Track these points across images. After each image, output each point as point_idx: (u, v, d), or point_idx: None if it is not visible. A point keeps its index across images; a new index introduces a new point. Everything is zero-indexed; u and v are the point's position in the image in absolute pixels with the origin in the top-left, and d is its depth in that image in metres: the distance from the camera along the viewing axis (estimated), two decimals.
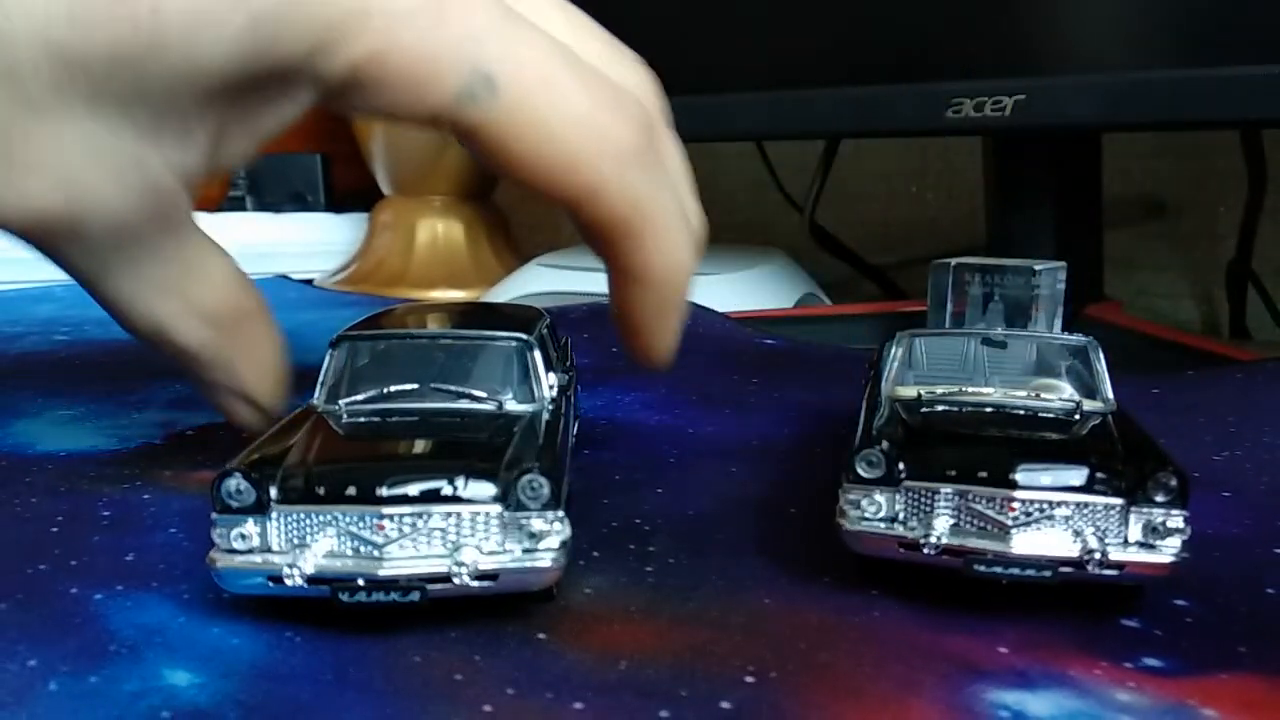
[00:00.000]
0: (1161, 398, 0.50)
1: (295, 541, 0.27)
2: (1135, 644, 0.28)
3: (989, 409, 0.33)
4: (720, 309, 0.69)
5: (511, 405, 0.32)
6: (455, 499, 0.27)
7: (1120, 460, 0.29)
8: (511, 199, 1.22)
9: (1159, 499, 0.28)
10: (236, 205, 1.22)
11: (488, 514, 0.27)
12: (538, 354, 0.34)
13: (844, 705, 0.25)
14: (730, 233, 1.18)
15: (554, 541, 0.28)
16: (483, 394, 0.32)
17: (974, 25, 0.64)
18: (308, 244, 1.15)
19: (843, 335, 0.70)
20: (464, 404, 0.32)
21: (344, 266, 1.11)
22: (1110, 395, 0.34)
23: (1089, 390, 0.34)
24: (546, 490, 0.27)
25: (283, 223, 1.15)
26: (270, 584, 0.27)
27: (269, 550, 0.27)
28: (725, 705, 0.24)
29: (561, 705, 0.24)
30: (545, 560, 0.28)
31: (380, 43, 0.28)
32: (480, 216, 1.10)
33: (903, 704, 0.25)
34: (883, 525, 0.30)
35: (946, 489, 0.29)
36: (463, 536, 0.27)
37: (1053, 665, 0.26)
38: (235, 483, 0.27)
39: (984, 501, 0.29)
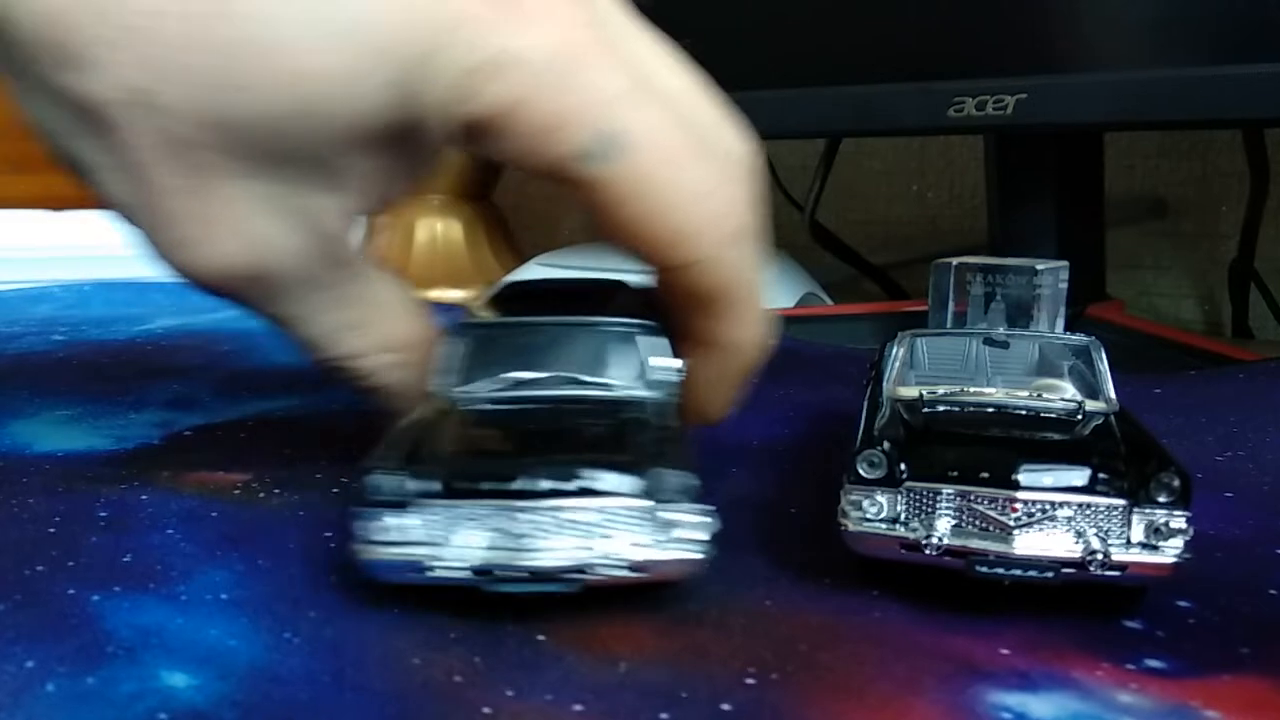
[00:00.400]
0: (1164, 398, 0.50)
1: (440, 533, 0.28)
2: (1137, 645, 0.28)
3: (991, 409, 0.33)
4: None
5: (634, 392, 0.32)
6: (600, 491, 0.27)
7: (1123, 461, 0.29)
8: (511, 198, 1.22)
9: (1161, 500, 0.28)
10: None
11: (632, 506, 0.28)
12: (658, 340, 0.34)
13: (845, 707, 0.24)
14: None
15: (699, 534, 0.28)
16: (606, 381, 0.32)
17: (975, 23, 0.64)
18: None
19: (844, 335, 0.70)
20: (588, 391, 0.32)
21: None
22: (1112, 395, 0.34)
23: (1091, 390, 0.34)
24: (691, 483, 0.28)
25: None
26: (418, 574, 0.27)
27: (414, 542, 0.28)
28: (726, 707, 0.24)
29: (561, 707, 0.24)
30: (690, 551, 0.28)
31: (512, 94, 0.29)
32: (479, 215, 1.10)
33: (904, 705, 0.25)
34: (884, 526, 0.30)
35: (948, 490, 0.29)
36: (608, 527, 0.28)
37: (1055, 666, 0.26)
38: (379, 477, 0.28)
39: (986, 502, 0.29)
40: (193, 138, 0.29)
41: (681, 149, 0.30)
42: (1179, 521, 0.28)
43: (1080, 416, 0.32)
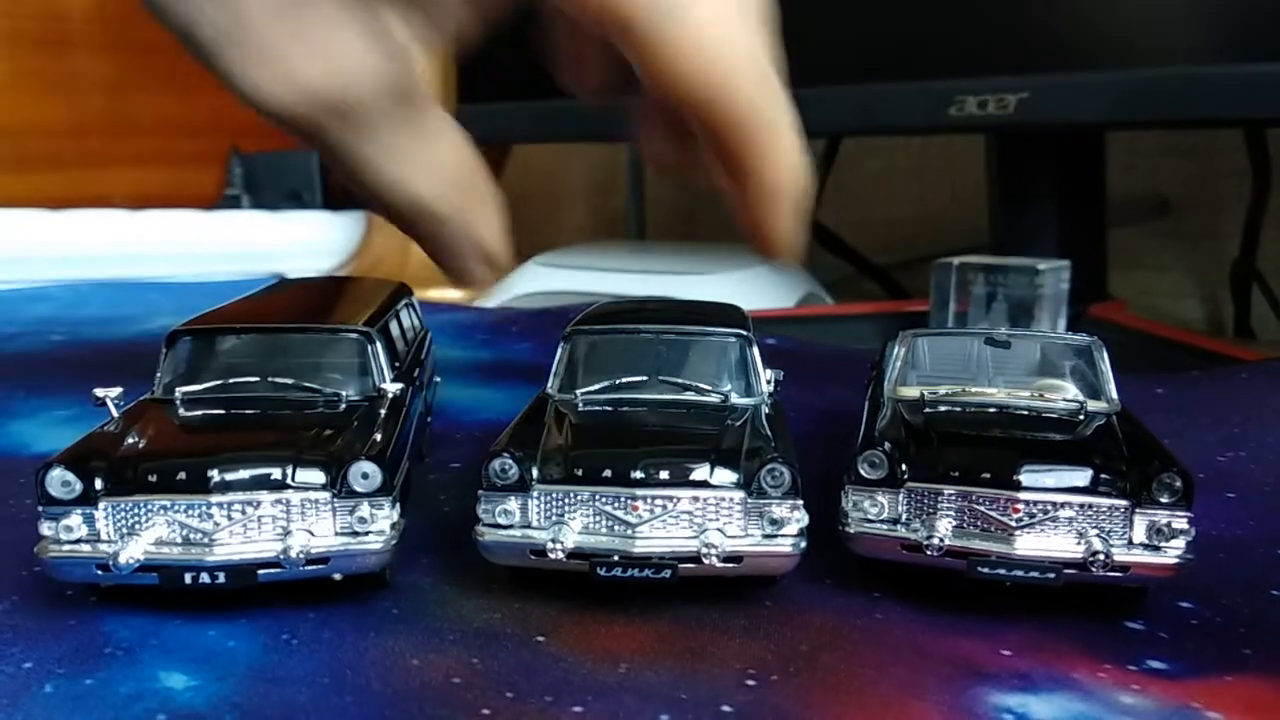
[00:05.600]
0: (1165, 398, 0.50)
1: (554, 518, 0.29)
2: (1139, 646, 0.28)
3: (992, 409, 0.33)
4: None
5: (734, 398, 0.33)
6: (703, 484, 0.29)
7: (1124, 461, 0.29)
8: (510, 198, 1.22)
9: (1164, 500, 0.28)
10: (232, 204, 1.21)
11: (731, 499, 0.29)
12: (756, 349, 0.35)
13: (846, 708, 0.24)
14: (732, 231, 1.17)
15: (793, 528, 0.29)
16: (707, 386, 0.34)
17: (976, 21, 0.63)
18: (304, 242, 1.14)
19: (845, 335, 0.69)
20: (690, 395, 0.34)
21: (341, 265, 1.11)
22: (1114, 395, 0.34)
23: (1093, 390, 0.34)
24: (788, 479, 0.29)
25: (279, 221, 1.15)
26: (533, 557, 0.29)
27: (530, 526, 0.29)
28: (726, 709, 0.24)
29: (560, 708, 0.24)
30: (786, 546, 0.29)
31: None
32: None
33: (905, 707, 0.25)
34: (885, 527, 0.30)
35: (950, 490, 0.29)
36: (708, 520, 0.29)
37: (1056, 667, 0.26)
38: (502, 463, 0.29)
39: (987, 503, 0.29)
40: None
41: (728, 5, 0.34)
42: (1181, 522, 0.28)
43: (1082, 417, 0.32)
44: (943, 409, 0.33)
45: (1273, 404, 0.48)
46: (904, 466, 0.29)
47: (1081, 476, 0.28)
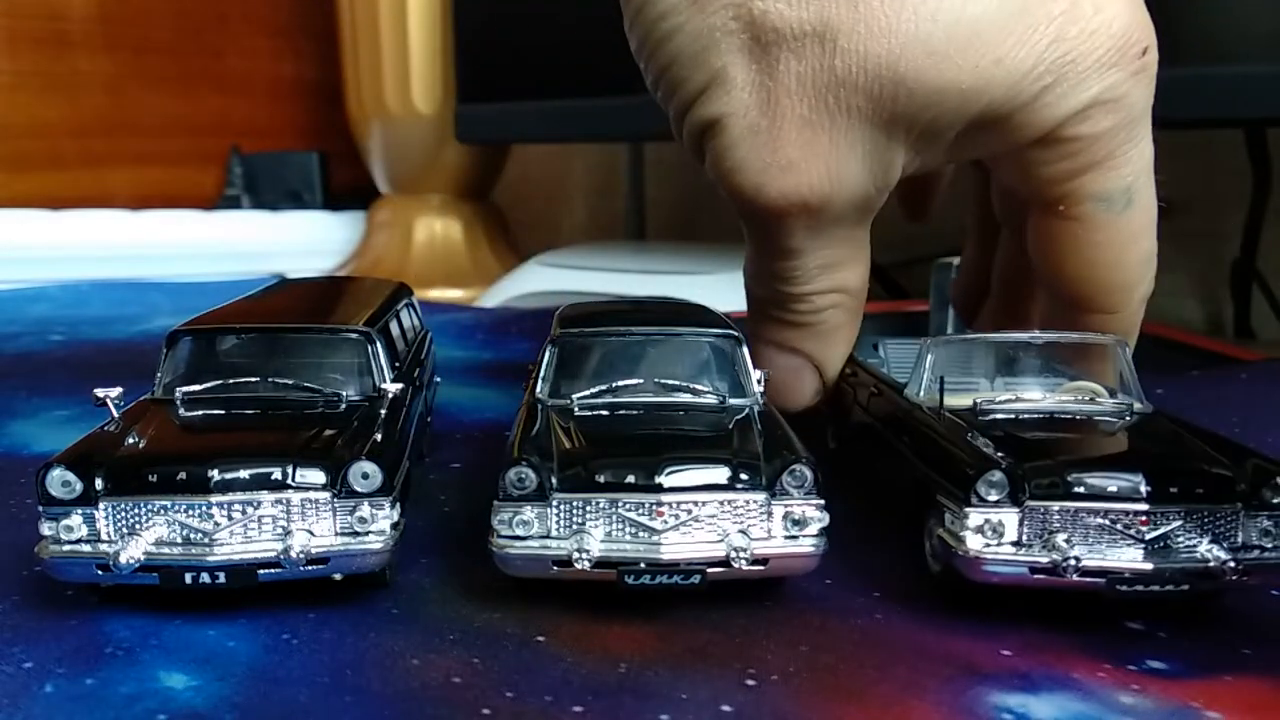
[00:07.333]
0: (1166, 398, 0.50)
1: (574, 527, 0.28)
2: (1139, 646, 0.27)
3: (1040, 415, 0.32)
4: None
5: (731, 399, 0.33)
6: (728, 487, 0.28)
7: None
8: (510, 198, 1.22)
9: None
10: (232, 203, 1.21)
11: (754, 501, 0.28)
12: (746, 350, 0.35)
13: (846, 708, 0.24)
14: (730, 232, 1.18)
15: (814, 528, 0.29)
16: (703, 388, 0.33)
17: None
18: (304, 242, 1.14)
19: None
20: (685, 397, 0.33)
21: (341, 265, 1.11)
22: (1104, 391, 0.34)
23: (1121, 388, 0.34)
24: (810, 478, 0.29)
25: (279, 221, 1.15)
26: (555, 568, 0.28)
27: (549, 535, 0.28)
28: (726, 708, 0.24)
29: (560, 708, 0.24)
30: (808, 546, 0.29)
31: (1107, 129, 0.32)
32: (478, 215, 1.10)
33: (905, 707, 0.24)
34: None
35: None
36: (733, 522, 0.28)
37: (1056, 668, 0.26)
38: (519, 472, 0.28)
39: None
40: (847, 80, 0.31)
41: (1150, 220, 0.35)
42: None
43: (1129, 417, 0.32)
44: (999, 418, 0.32)
45: (1273, 403, 0.48)
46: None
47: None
